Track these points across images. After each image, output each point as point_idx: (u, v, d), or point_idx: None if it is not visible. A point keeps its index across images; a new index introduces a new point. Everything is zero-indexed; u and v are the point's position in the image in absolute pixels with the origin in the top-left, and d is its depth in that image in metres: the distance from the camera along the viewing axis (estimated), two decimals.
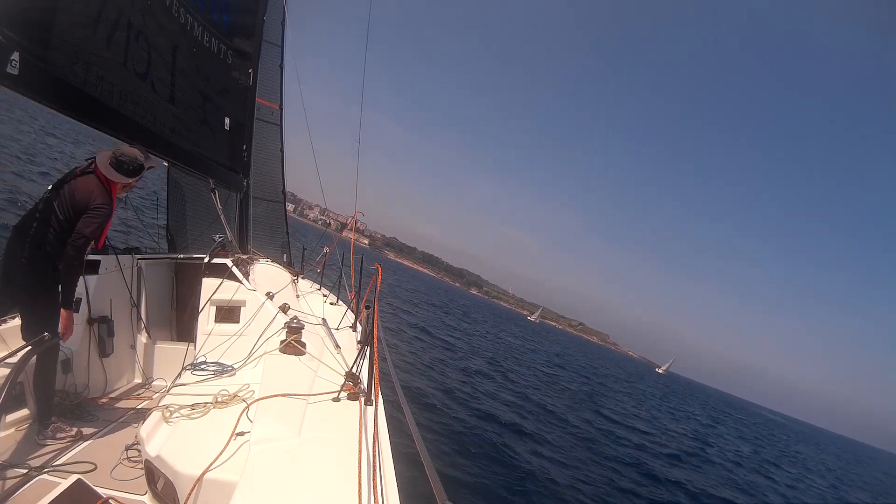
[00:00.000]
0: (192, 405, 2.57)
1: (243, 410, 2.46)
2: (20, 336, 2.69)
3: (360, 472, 1.83)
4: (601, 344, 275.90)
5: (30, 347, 2.35)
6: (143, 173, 2.84)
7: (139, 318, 3.81)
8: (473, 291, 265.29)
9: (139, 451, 2.47)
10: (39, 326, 2.59)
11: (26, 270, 2.53)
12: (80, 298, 3.36)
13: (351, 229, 5.81)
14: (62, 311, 2.65)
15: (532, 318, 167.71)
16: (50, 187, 2.62)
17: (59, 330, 2.63)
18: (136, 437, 2.63)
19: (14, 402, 2.64)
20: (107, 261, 3.56)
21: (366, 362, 2.78)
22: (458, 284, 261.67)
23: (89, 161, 2.74)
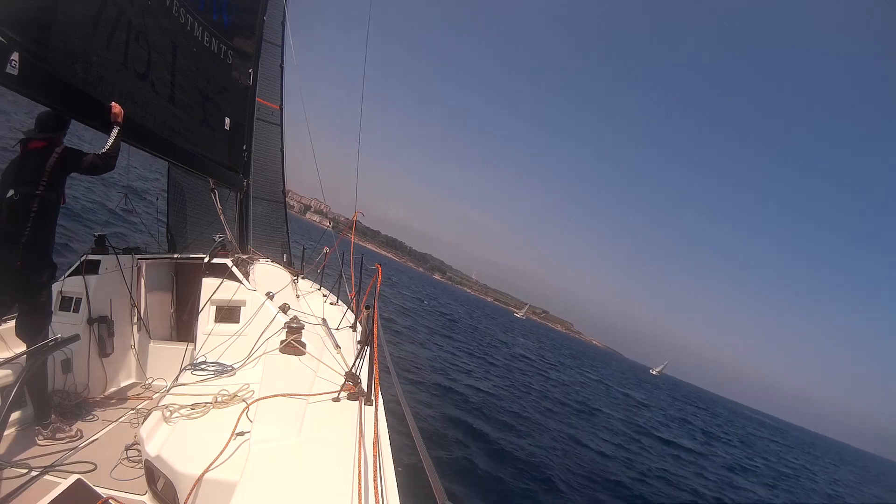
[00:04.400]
0: (192, 405, 2.57)
1: (243, 410, 2.45)
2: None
3: (360, 472, 1.83)
4: (566, 333, 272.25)
5: (40, 349, 2.35)
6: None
7: (139, 318, 3.81)
8: (437, 277, 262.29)
9: (139, 451, 2.47)
10: (35, 329, 2.61)
11: (21, 273, 2.52)
12: (80, 298, 3.36)
13: (346, 228, 5.77)
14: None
15: (519, 315, 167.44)
16: (12, 188, 2.54)
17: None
18: (136, 437, 2.63)
19: (14, 403, 2.64)
20: (107, 261, 3.56)
21: (366, 362, 2.78)
22: (421, 269, 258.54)
23: (24, 143, 2.66)
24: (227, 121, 4.12)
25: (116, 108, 2.65)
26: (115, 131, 2.68)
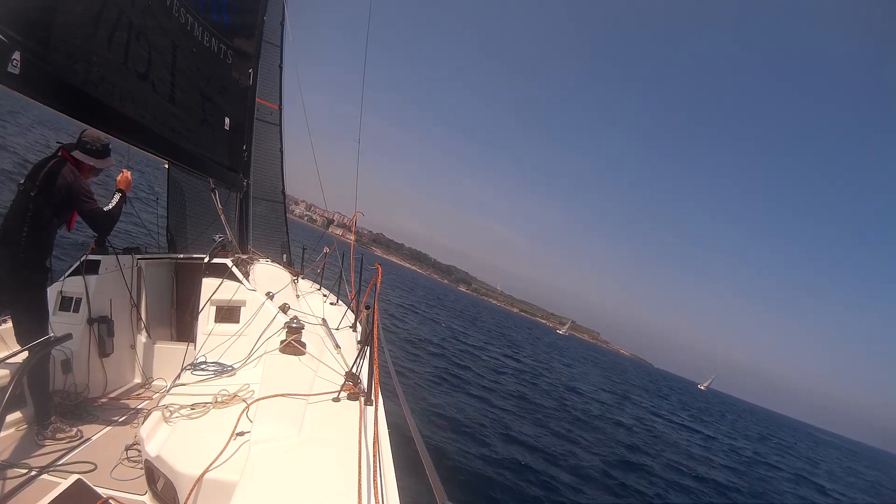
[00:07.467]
0: (192, 405, 2.56)
1: (243, 410, 2.45)
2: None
3: (360, 472, 1.83)
4: (593, 342, 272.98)
5: (31, 349, 2.35)
6: (111, 160, 2.92)
7: (139, 318, 3.81)
8: (462, 289, 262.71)
9: (139, 451, 2.47)
10: (32, 330, 2.59)
11: (15, 274, 2.53)
12: (80, 298, 3.36)
13: (351, 229, 5.81)
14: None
15: (562, 332, 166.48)
16: (21, 181, 2.62)
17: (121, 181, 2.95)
18: (136, 437, 2.63)
19: (14, 403, 2.64)
20: (107, 261, 3.57)
21: (366, 362, 2.78)
22: (446, 281, 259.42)
23: (56, 149, 2.76)
24: (227, 121, 4.12)
25: (126, 176, 2.94)
26: (117, 197, 2.92)
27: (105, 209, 2.82)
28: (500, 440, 8.39)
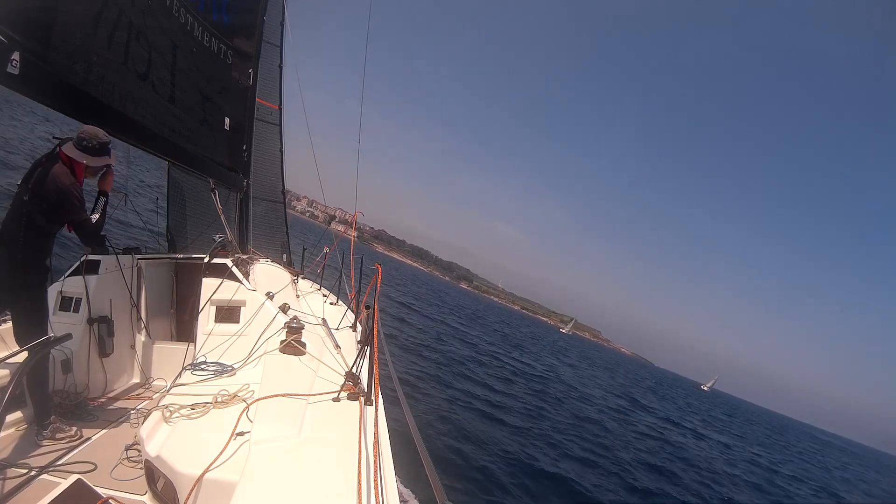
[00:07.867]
0: (192, 405, 2.57)
1: (243, 410, 2.45)
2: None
3: (360, 472, 1.83)
4: (594, 341, 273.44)
5: (31, 349, 2.35)
6: (109, 159, 2.74)
7: (139, 318, 3.81)
8: (463, 286, 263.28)
9: (139, 451, 2.47)
10: (32, 331, 2.58)
11: (15, 274, 2.53)
12: (80, 298, 3.36)
13: (351, 228, 5.82)
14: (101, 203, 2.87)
15: (565, 331, 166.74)
16: (20, 182, 2.57)
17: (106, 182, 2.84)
18: (136, 437, 2.63)
19: (14, 403, 2.64)
20: (107, 261, 3.56)
21: (366, 362, 2.78)
22: (447, 278, 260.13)
23: (54, 146, 2.65)
24: (227, 121, 4.12)
25: (108, 179, 2.81)
26: (101, 206, 2.79)
27: (93, 220, 2.70)
28: (514, 472, 7.97)
